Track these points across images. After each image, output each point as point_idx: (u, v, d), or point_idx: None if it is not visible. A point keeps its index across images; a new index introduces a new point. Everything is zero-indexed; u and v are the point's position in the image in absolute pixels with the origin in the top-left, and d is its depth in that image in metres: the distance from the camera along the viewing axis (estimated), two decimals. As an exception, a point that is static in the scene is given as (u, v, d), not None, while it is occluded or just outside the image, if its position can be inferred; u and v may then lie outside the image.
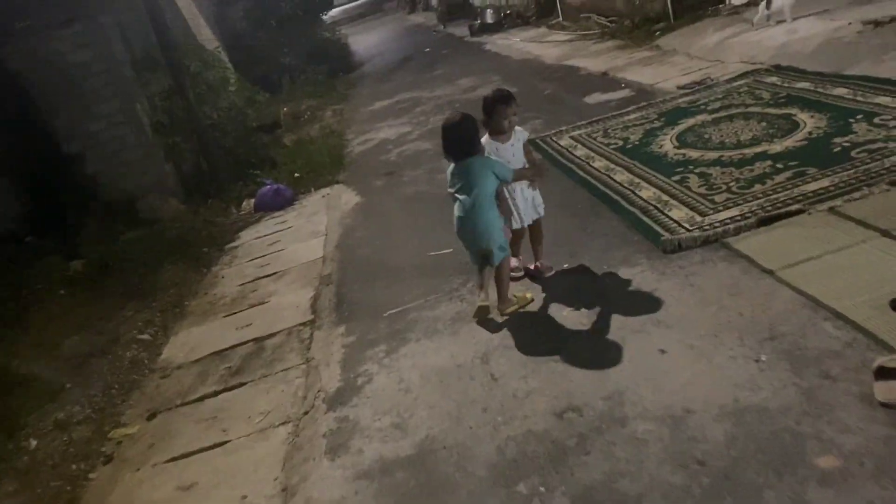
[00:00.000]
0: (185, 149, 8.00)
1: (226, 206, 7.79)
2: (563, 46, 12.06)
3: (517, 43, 14.04)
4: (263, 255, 6.25)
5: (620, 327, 3.41)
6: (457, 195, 3.84)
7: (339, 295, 4.89)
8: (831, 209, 3.85)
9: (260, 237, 6.79)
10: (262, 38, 14.46)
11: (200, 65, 8.71)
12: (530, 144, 4.19)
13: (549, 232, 4.26)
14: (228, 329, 4.94)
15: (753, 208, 4.13)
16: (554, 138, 6.80)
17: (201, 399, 4.15)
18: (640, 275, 3.80)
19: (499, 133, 3.96)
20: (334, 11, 24.64)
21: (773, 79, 6.60)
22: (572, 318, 3.65)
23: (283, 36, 15.27)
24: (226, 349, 4.65)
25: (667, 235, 4.04)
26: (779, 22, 8.20)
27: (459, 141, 3.76)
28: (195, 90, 8.02)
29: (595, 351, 3.29)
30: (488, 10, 18.07)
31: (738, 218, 4.05)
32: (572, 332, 3.52)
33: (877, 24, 6.86)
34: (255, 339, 4.65)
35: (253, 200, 7.72)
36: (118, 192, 7.63)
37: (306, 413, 3.63)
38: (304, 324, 4.64)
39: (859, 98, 5.42)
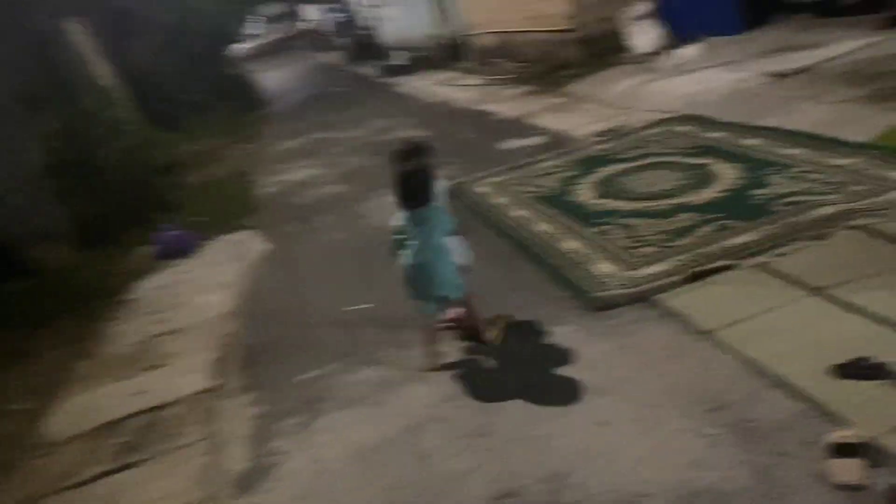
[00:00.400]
0: (79, 192, 7.41)
1: (124, 253, 7.23)
2: (475, 91, 12.06)
3: (428, 86, 13.99)
4: (163, 310, 5.76)
5: (558, 394, 3.19)
6: (411, 242, 3.59)
7: (246, 356, 4.50)
8: (761, 265, 3.78)
9: (160, 288, 6.29)
10: (167, 74, 13.85)
11: (96, 103, 8.14)
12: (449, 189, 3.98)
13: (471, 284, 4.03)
14: (122, 396, 4.45)
15: (682, 262, 4.03)
16: (470, 185, 6.63)
17: (89, 481, 3.66)
18: (573, 335, 3.62)
19: None
20: (242, 48, 24.11)
21: (686, 128, 6.68)
22: (505, 384, 3.41)
23: (188, 72, 14.69)
24: (119, 420, 4.17)
25: (596, 292, 3.88)
26: (686, 71, 8.39)
27: (422, 187, 3.55)
28: (91, 129, 7.47)
29: (533, 423, 3.06)
30: (398, 51, 18.05)
31: (668, 273, 3.94)
32: (507, 401, 3.27)
33: (781, 76, 7.07)
34: (153, 409, 4.19)
35: (153, 247, 7.19)
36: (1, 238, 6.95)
37: (210, 499, 3.22)
38: (207, 390, 4.22)
39: (772, 149, 5.49)
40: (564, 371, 3.36)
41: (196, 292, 5.93)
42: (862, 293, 3.24)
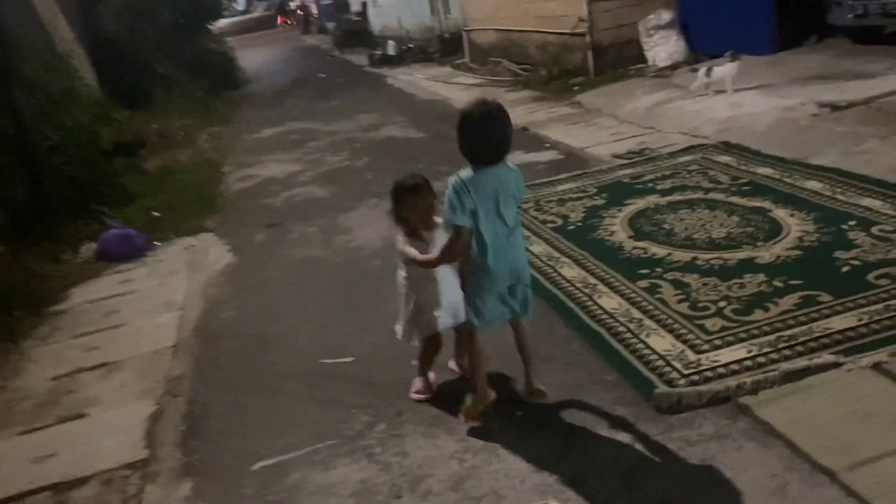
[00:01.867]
0: (11, 174, 6.29)
1: (59, 250, 6.11)
2: (473, 91, 11.08)
3: (422, 80, 12.99)
4: (95, 331, 4.71)
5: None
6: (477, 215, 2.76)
7: (189, 417, 3.48)
8: (877, 366, 2.87)
9: (95, 301, 5.22)
10: (137, 45, 12.62)
11: (42, 71, 7.00)
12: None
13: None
14: (21, 460, 3.41)
15: (764, 348, 3.11)
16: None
17: None
18: (633, 448, 2.66)
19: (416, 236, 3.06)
20: (223, 22, 22.81)
21: (726, 158, 5.79)
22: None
23: (162, 44, 13.47)
24: (8, 500, 3.13)
25: (661, 387, 2.93)
26: (717, 92, 7.51)
27: (506, 138, 2.77)
28: (30, 102, 6.34)
29: None
30: (390, 41, 17.01)
31: (751, 364, 3.00)
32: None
33: (833, 107, 6.21)
34: (56, 487, 3.16)
35: (95, 245, 6.10)
36: None
37: None
38: (131, 466, 3.20)
39: (840, 196, 4.62)
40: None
41: (139, 312, 4.88)
42: None
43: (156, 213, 6.86)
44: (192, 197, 7.27)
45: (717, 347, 3.18)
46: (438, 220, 3.03)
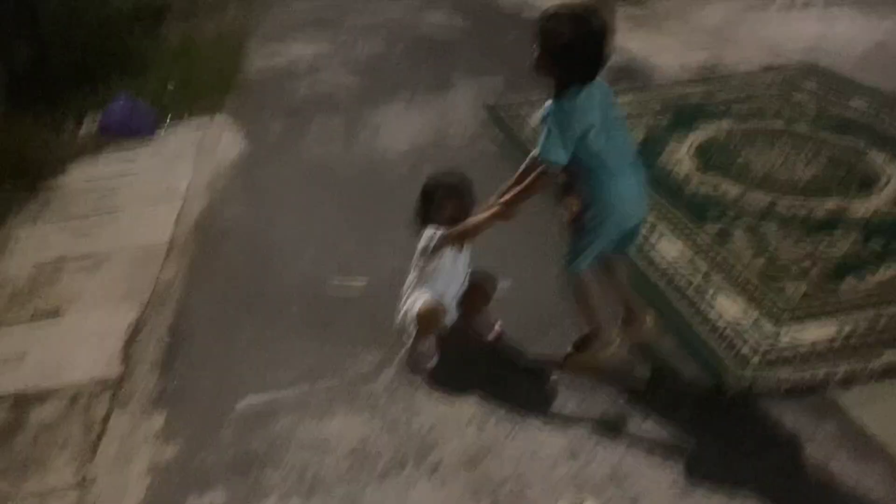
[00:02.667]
0: (14, 38, 5.70)
1: (60, 119, 5.59)
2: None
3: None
4: (87, 216, 4.26)
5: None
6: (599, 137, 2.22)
7: (174, 332, 3.04)
8: None
9: (93, 181, 4.74)
10: None
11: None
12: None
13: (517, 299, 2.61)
14: (-14, 358, 3.02)
15: (860, 327, 2.55)
16: (520, 112, 4.99)
17: None
18: (689, 443, 2.17)
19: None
20: None
21: (812, 85, 5.04)
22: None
23: None
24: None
25: (731, 366, 2.40)
26: (806, 5, 6.62)
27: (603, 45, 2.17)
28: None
29: None
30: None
31: (842, 347, 2.46)
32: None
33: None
34: (17, 399, 2.77)
35: (99, 117, 5.57)
36: None
37: None
38: (102, 383, 2.79)
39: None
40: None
41: (137, 199, 4.41)
42: None
43: (170, 86, 6.26)
44: (212, 72, 6.62)
45: (799, 320, 2.63)
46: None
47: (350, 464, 2.24)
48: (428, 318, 2.49)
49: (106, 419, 2.60)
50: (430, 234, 2.49)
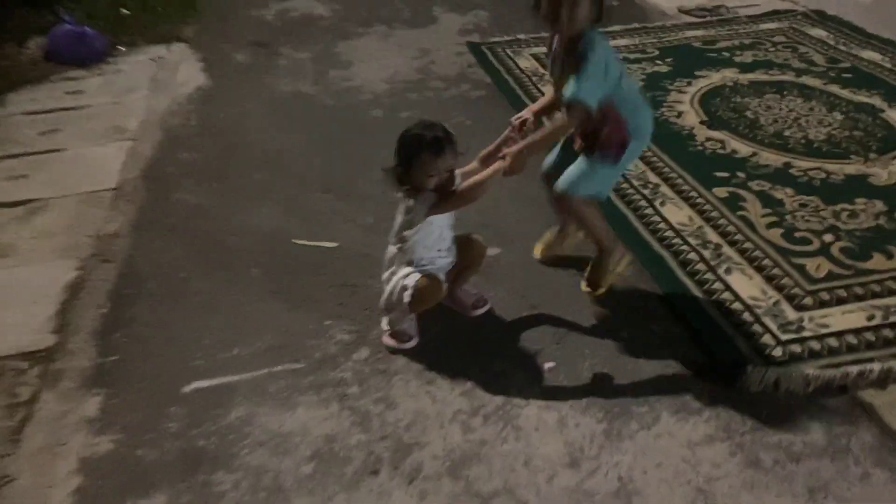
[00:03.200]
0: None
1: (1, 42, 5.04)
2: None
3: None
4: (26, 154, 3.81)
5: None
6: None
7: (116, 296, 2.67)
8: None
9: (34, 113, 4.26)
10: None
11: None
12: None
13: (506, 269, 2.29)
14: None
15: (892, 315, 2.27)
16: (507, 51, 4.58)
17: None
18: (704, 454, 1.88)
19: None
20: None
21: (821, 32, 4.70)
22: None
23: None
24: None
25: (755, 365, 2.10)
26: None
27: None
28: None
29: None
30: None
31: (874, 339, 2.18)
32: None
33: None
34: (-70, 373, 2.40)
35: (44, 42, 5.03)
36: None
37: None
38: (31, 356, 2.43)
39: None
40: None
41: (83, 136, 3.96)
42: None
43: (125, 11, 5.70)
44: (171, -5, 6.05)
45: (823, 304, 2.34)
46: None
47: (314, 468, 1.92)
48: (426, 294, 2.15)
49: (32, 401, 2.24)
50: (412, 203, 2.12)
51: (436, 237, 2.19)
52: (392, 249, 2.22)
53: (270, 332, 2.43)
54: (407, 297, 2.13)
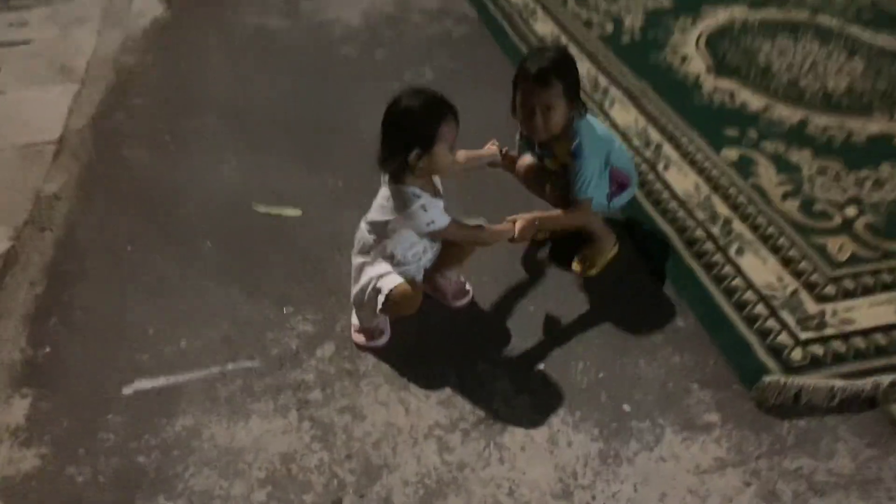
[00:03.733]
0: None
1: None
2: None
3: None
4: (-40, 98, 3.43)
5: None
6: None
7: (52, 274, 2.38)
8: None
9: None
10: None
11: None
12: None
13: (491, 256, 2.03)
14: None
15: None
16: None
17: None
18: (714, 483, 1.65)
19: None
20: None
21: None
22: None
23: None
24: None
25: (773, 375, 1.85)
26: None
27: None
28: None
29: None
30: None
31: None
32: None
33: None
34: None
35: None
36: None
37: None
38: (-46, 349, 2.14)
39: None
40: None
41: (23, 77, 3.59)
42: None
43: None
44: None
45: (848, 294, 2.08)
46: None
47: (268, 496, 1.67)
48: (402, 304, 1.87)
49: (-48, 401, 1.97)
50: (418, 204, 1.77)
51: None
52: (367, 236, 1.91)
53: (224, 320, 2.15)
54: (380, 302, 1.85)
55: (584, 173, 2.00)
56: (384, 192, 1.84)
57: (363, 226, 1.92)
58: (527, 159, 2.22)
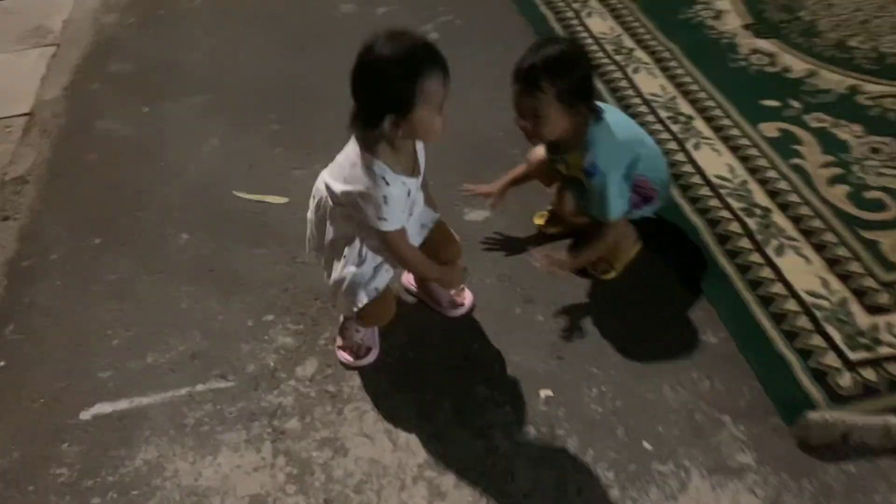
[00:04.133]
0: None
1: None
2: None
3: None
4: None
5: None
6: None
7: (12, 273, 2.17)
8: None
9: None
10: None
11: None
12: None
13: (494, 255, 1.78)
14: None
15: None
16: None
17: None
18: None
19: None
20: None
21: None
22: None
23: None
24: None
25: (817, 411, 1.58)
26: None
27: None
28: None
29: None
30: None
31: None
32: None
33: None
34: None
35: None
36: None
37: None
38: None
39: None
40: None
41: (6, 35, 3.31)
42: None
43: None
44: None
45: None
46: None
47: (235, 548, 1.47)
48: (378, 315, 1.63)
49: None
50: (376, 176, 1.47)
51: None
52: (328, 202, 1.58)
53: (195, 330, 1.93)
54: (354, 310, 1.60)
55: (603, 193, 1.72)
56: (351, 155, 1.49)
57: (321, 186, 1.61)
58: (540, 151, 1.93)
